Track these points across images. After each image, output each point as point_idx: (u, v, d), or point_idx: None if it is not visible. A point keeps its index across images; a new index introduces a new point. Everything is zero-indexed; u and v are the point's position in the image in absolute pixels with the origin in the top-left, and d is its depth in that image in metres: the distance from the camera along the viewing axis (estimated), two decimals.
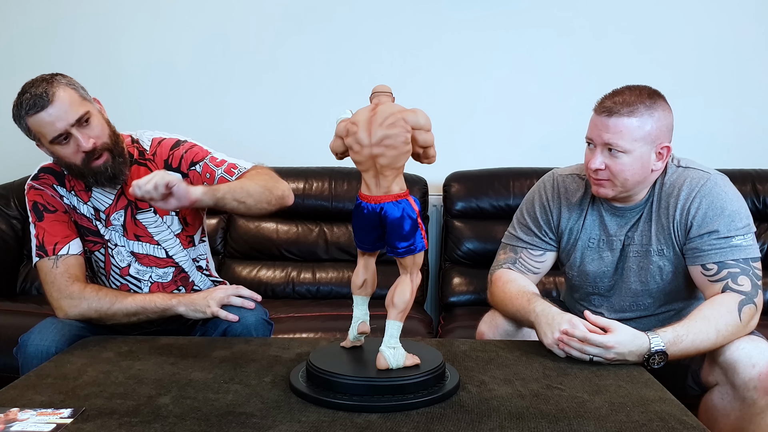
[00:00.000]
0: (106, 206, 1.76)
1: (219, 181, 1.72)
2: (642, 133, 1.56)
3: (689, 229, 1.60)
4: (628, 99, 1.57)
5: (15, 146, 3.04)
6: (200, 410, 1.19)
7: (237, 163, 1.78)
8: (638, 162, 1.57)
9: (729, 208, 1.57)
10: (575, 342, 1.43)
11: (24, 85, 1.64)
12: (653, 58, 2.90)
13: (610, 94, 1.62)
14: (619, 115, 1.56)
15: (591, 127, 1.63)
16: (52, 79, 1.62)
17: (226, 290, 1.70)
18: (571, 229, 1.74)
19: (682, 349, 1.45)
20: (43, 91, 1.59)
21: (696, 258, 1.59)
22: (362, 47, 2.97)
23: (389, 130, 1.16)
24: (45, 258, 1.70)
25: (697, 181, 1.61)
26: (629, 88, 1.61)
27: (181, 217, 1.80)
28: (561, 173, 1.78)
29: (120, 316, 1.69)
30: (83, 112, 1.62)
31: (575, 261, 1.74)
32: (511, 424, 1.13)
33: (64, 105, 1.60)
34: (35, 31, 3.04)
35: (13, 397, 1.25)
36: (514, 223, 1.82)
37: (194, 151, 1.78)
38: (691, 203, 1.60)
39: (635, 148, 1.56)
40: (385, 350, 1.26)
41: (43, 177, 1.75)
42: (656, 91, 1.62)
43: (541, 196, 1.77)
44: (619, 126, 1.56)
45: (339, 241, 2.82)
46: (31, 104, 1.59)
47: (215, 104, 3.03)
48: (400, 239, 1.22)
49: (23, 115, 1.61)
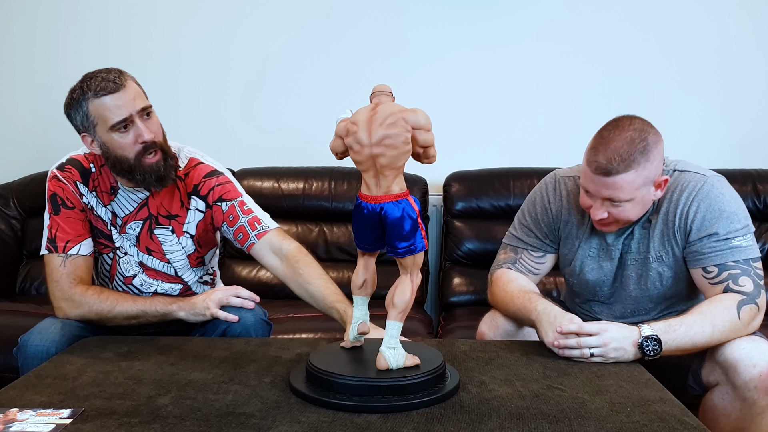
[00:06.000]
0: (126, 213, 1.75)
1: (239, 230, 1.74)
2: (641, 181, 1.52)
3: (689, 233, 1.59)
4: (622, 150, 1.49)
5: (15, 146, 3.07)
6: (200, 410, 1.19)
7: (262, 219, 1.78)
8: (640, 204, 1.56)
9: (727, 210, 1.57)
10: (572, 340, 1.44)
11: (86, 75, 1.64)
12: (654, 58, 2.91)
13: (600, 144, 1.52)
14: (616, 173, 1.49)
15: (587, 181, 1.56)
16: (121, 71, 1.64)
17: (225, 291, 1.70)
18: (570, 233, 1.73)
19: (676, 339, 1.46)
20: (116, 77, 1.61)
21: (697, 261, 1.59)
22: (362, 47, 2.97)
23: (389, 130, 1.16)
24: (54, 254, 1.70)
25: (695, 184, 1.60)
26: (618, 133, 1.51)
27: (195, 240, 1.81)
28: (563, 174, 1.77)
29: (120, 319, 1.70)
30: (148, 105, 1.65)
31: (575, 269, 1.74)
32: (511, 425, 1.13)
33: (133, 93, 1.62)
34: (35, 31, 3.04)
35: (13, 398, 1.25)
36: (515, 223, 1.82)
37: (226, 188, 1.78)
38: (689, 207, 1.59)
39: (636, 195, 1.53)
40: (385, 350, 1.26)
41: (68, 169, 1.74)
42: (644, 125, 1.54)
43: (543, 197, 1.76)
44: (618, 183, 1.50)
45: (339, 241, 2.82)
46: (103, 86, 1.58)
47: (215, 104, 3.03)
48: (400, 239, 1.22)
49: (88, 98, 1.60)
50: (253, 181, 2.80)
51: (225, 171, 1.83)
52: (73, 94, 1.63)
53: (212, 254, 1.91)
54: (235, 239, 1.77)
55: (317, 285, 1.68)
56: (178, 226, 1.77)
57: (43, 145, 2.96)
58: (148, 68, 2.99)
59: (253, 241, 1.75)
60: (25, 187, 2.89)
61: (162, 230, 1.77)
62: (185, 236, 1.79)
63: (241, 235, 1.75)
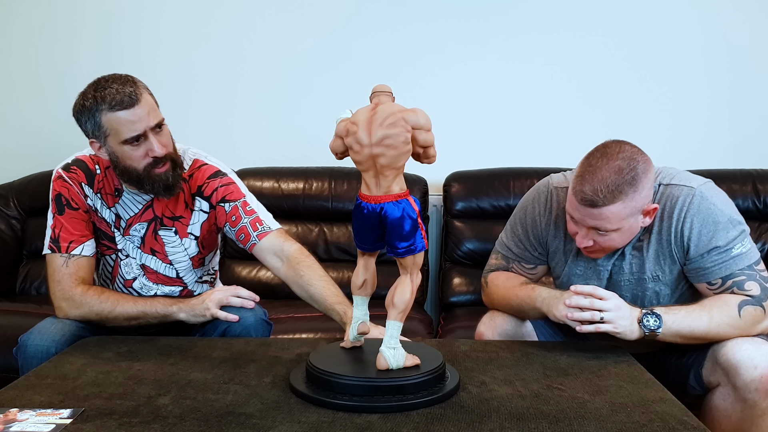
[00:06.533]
0: (130, 215, 1.75)
1: (241, 230, 1.75)
2: (628, 211, 1.48)
3: (687, 250, 1.56)
4: (609, 181, 1.44)
5: (15, 146, 3.07)
6: (200, 411, 1.19)
7: (264, 219, 1.78)
8: (627, 233, 1.53)
9: (722, 221, 1.54)
10: (585, 300, 1.46)
11: (99, 80, 1.61)
12: (652, 59, 2.90)
13: (587, 172, 1.47)
14: (603, 205, 1.45)
15: (573, 209, 1.52)
16: (135, 81, 1.62)
17: (224, 291, 1.70)
18: (557, 248, 1.70)
19: (675, 321, 1.48)
20: (132, 91, 1.58)
21: (701, 276, 1.57)
22: (363, 48, 2.97)
23: (389, 130, 1.16)
24: (57, 253, 1.70)
25: (683, 199, 1.55)
26: (606, 161, 1.47)
27: (199, 242, 1.81)
28: (556, 184, 1.71)
29: (121, 320, 1.70)
30: (161, 119, 1.64)
31: (563, 284, 1.70)
32: (511, 425, 1.13)
33: (148, 108, 1.60)
34: (35, 31, 3.03)
35: (13, 398, 1.25)
36: (507, 229, 1.79)
37: (230, 189, 1.78)
38: (683, 224, 1.55)
39: (623, 224, 1.50)
40: (385, 350, 1.26)
41: (74, 170, 1.73)
42: (632, 153, 1.48)
43: (534, 209, 1.72)
44: (605, 214, 1.47)
45: (339, 241, 2.82)
46: (118, 101, 1.57)
47: (215, 104, 3.03)
48: (400, 239, 1.22)
49: (103, 109, 1.58)
50: (253, 181, 2.80)
51: (229, 171, 1.83)
52: (85, 101, 1.60)
53: (213, 255, 1.91)
54: (237, 239, 1.77)
55: (318, 287, 1.68)
56: (182, 228, 1.77)
57: (43, 145, 2.96)
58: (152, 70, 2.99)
59: (255, 242, 1.75)
60: (25, 187, 2.89)
61: (166, 231, 1.77)
62: (189, 237, 1.79)
63: (243, 236, 1.76)
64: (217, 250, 1.93)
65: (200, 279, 1.88)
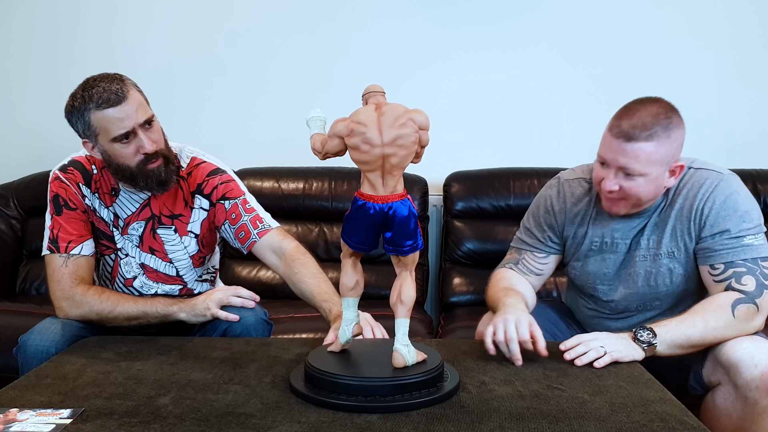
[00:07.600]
0: (128, 214, 1.76)
1: (241, 228, 1.75)
2: (658, 156, 1.54)
3: (702, 228, 1.60)
4: (646, 121, 1.52)
5: (15, 146, 3.07)
6: (200, 411, 1.19)
7: (264, 218, 1.79)
8: (653, 183, 1.57)
9: (741, 208, 1.58)
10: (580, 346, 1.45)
11: (87, 80, 1.62)
12: (653, 58, 2.91)
13: (626, 113, 1.56)
14: (636, 140, 1.52)
15: (605, 148, 1.58)
16: (122, 78, 1.62)
17: (225, 291, 1.70)
18: (575, 234, 1.74)
19: (669, 332, 1.48)
20: (119, 88, 1.58)
21: (707, 258, 1.59)
22: (362, 47, 2.97)
23: (401, 130, 1.17)
24: (56, 254, 1.70)
25: (711, 181, 1.61)
26: (645, 106, 1.56)
27: (199, 240, 1.81)
28: (567, 177, 1.78)
29: (121, 319, 1.70)
30: (150, 115, 1.64)
31: (578, 262, 1.75)
32: (511, 425, 1.13)
33: (136, 105, 1.60)
34: (35, 30, 3.04)
35: (13, 398, 1.25)
36: (520, 226, 1.84)
37: (229, 186, 1.79)
38: (704, 203, 1.60)
39: (651, 171, 1.54)
40: (401, 348, 1.27)
41: (70, 171, 1.74)
42: (670, 106, 1.58)
43: (546, 200, 1.78)
44: (636, 151, 1.52)
45: (339, 241, 2.80)
46: (105, 99, 1.57)
47: (215, 103, 3.03)
48: (406, 237, 1.23)
49: (90, 108, 1.58)
50: (253, 181, 2.80)
51: (227, 169, 1.83)
52: (74, 102, 1.61)
53: (212, 253, 1.91)
54: (236, 238, 1.77)
55: (309, 284, 1.69)
56: (182, 226, 1.78)
57: (43, 145, 2.96)
58: (149, 69, 3.00)
59: (255, 240, 1.75)
60: (25, 187, 2.90)
61: (165, 230, 1.77)
62: (189, 236, 1.79)
63: (242, 234, 1.76)
64: (217, 247, 1.93)
65: (200, 278, 1.88)
